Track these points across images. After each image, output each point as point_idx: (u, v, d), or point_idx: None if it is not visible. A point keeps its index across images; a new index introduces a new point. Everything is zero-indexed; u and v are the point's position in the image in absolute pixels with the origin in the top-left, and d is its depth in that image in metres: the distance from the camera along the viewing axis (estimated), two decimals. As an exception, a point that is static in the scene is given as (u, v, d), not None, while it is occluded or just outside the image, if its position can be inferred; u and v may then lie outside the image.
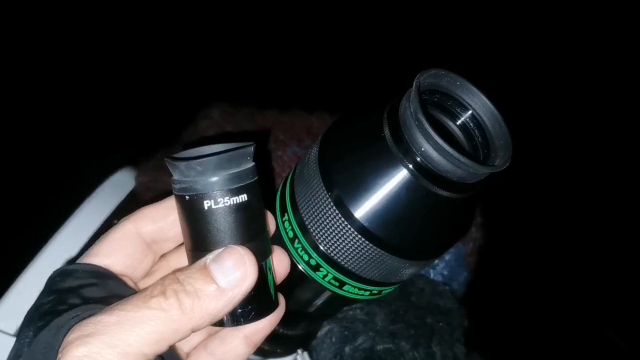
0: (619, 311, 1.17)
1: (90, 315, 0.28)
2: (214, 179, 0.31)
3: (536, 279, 1.13)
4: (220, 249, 0.31)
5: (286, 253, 0.37)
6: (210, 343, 0.38)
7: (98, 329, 0.27)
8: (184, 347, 0.38)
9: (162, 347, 0.28)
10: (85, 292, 0.31)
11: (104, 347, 0.26)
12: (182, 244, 0.37)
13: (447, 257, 0.56)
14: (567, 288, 1.16)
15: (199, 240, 0.32)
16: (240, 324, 0.33)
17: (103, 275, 0.33)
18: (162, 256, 0.38)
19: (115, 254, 0.34)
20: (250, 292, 0.31)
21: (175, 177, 0.32)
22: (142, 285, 0.36)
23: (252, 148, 0.32)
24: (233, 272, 0.30)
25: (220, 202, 0.31)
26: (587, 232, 1.21)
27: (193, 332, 0.29)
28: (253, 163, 0.33)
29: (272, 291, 0.35)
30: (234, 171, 0.31)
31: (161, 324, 0.28)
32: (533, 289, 1.11)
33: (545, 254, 1.16)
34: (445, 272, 0.56)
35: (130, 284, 0.35)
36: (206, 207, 0.31)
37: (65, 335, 0.27)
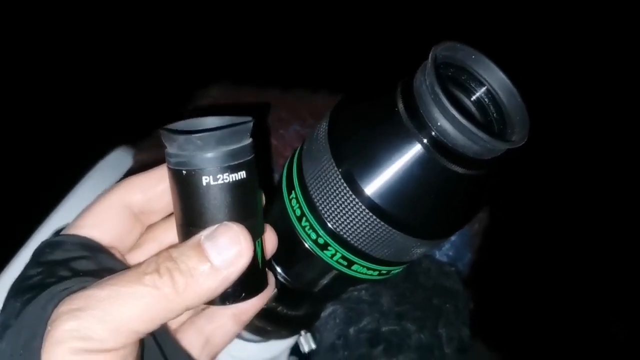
0: (622, 300, 1.17)
1: (81, 289, 0.27)
2: (214, 154, 0.30)
3: (541, 261, 1.13)
4: (215, 226, 0.30)
5: (274, 230, 0.37)
6: (197, 320, 0.38)
7: (89, 303, 0.26)
8: (171, 324, 0.38)
9: (153, 326, 0.27)
10: (75, 265, 0.30)
11: (95, 322, 0.25)
12: (170, 215, 0.36)
13: (452, 237, 0.56)
14: (573, 273, 1.16)
15: (193, 217, 0.31)
16: (230, 304, 0.32)
17: (93, 248, 0.32)
18: (149, 227, 0.37)
19: (103, 226, 0.33)
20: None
21: (171, 150, 0.31)
22: (129, 257, 0.36)
23: (251, 123, 0.31)
24: (228, 250, 0.29)
25: (219, 179, 0.30)
26: (594, 217, 1.21)
27: (186, 311, 0.29)
28: (251, 139, 0.32)
29: (263, 270, 0.34)
30: (234, 147, 0.30)
31: (154, 301, 0.27)
32: (537, 272, 1.11)
33: (551, 237, 1.16)
34: (451, 253, 0.55)
35: (119, 256, 0.34)
36: (204, 183, 0.30)
37: (55, 308, 0.26)
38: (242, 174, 0.31)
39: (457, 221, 0.38)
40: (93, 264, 0.31)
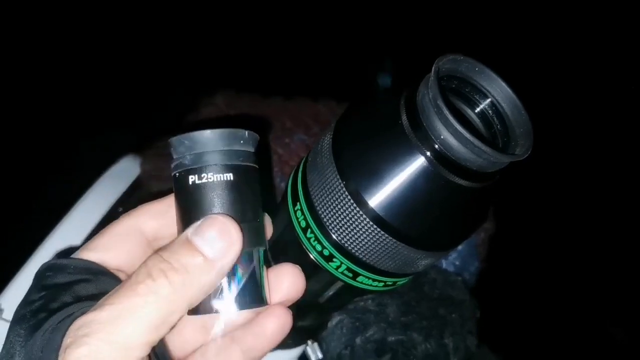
0: (626, 305, 1.16)
1: (82, 314, 0.27)
2: (201, 153, 0.30)
3: (546, 269, 1.13)
4: (199, 221, 0.30)
5: (302, 274, 0.35)
6: (206, 353, 0.37)
7: (93, 328, 0.26)
8: (178, 353, 0.37)
9: (163, 331, 0.28)
10: (78, 289, 0.30)
11: (103, 345, 0.26)
12: None
13: (459, 247, 0.55)
14: (577, 280, 1.15)
15: (185, 219, 0.31)
16: (225, 312, 0.32)
17: (96, 271, 0.32)
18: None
19: (116, 249, 0.34)
20: (234, 275, 0.31)
21: (173, 155, 0.31)
22: None
23: (246, 132, 0.32)
24: (218, 241, 0.29)
25: (204, 178, 0.30)
26: (598, 223, 1.21)
27: (189, 308, 0.29)
28: (250, 150, 0.32)
29: (261, 285, 0.33)
30: (222, 149, 0.31)
31: (155, 308, 0.27)
32: (543, 280, 1.11)
33: (555, 244, 1.16)
34: (457, 263, 0.55)
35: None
36: (190, 182, 0.30)
37: (63, 336, 0.27)
38: (229, 176, 0.31)
39: (462, 233, 0.38)
40: (94, 288, 0.31)
